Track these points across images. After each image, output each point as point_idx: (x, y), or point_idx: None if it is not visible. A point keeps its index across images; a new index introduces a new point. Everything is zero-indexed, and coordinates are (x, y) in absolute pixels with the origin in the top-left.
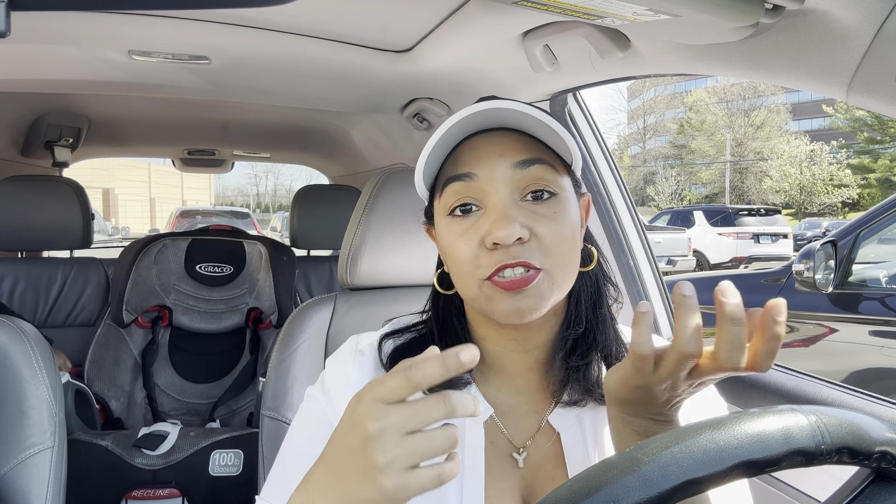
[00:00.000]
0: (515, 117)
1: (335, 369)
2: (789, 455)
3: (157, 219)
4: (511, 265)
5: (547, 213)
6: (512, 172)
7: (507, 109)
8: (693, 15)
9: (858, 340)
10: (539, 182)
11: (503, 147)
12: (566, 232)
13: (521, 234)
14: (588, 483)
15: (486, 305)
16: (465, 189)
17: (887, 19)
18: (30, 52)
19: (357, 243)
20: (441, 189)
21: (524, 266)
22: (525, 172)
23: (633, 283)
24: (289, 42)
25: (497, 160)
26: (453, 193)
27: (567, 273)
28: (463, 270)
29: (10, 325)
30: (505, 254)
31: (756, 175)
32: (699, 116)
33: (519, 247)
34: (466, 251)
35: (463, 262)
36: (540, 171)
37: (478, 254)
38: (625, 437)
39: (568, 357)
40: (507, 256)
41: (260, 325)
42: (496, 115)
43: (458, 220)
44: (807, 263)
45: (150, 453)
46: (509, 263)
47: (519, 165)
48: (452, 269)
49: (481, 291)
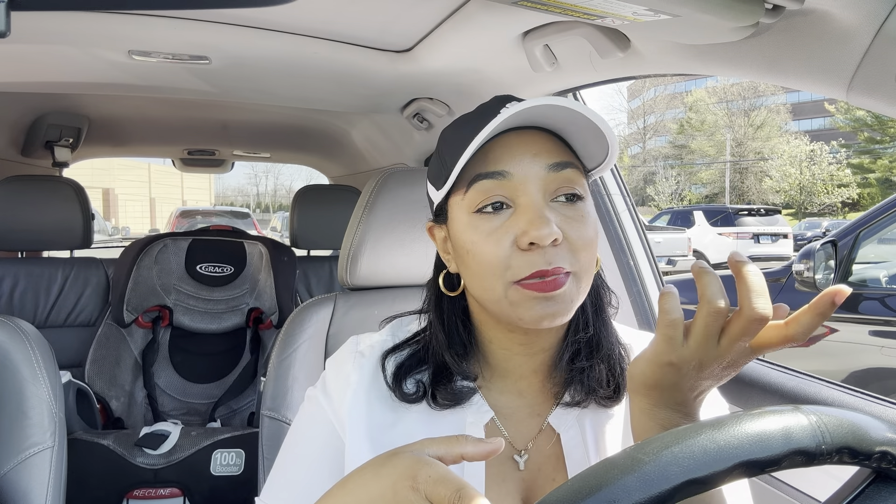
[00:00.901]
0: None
1: (335, 371)
2: (790, 455)
3: (157, 219)
4: (547, 272)
5: (576, 216)
6: (545, 173)
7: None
8: (693, 15)
9: (858, 340)
10: (570, 185)
11: (538, 147)
12: (592, 235)
13: (557, 235)
14: (588, 483)
15: (511, 310)
16: (497, 187)
17: (887, 19)
18: (30, 52)
19: (357, 243)
20: (467, 186)
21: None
22: (558, 175)
23: (633, 283)
24: (289, 42)
25: (532, 160)
26: (483, 191)
27: (590, 277)
28: (489, 271)
29: (10, 325)
30: (541, 257)
31: (756, 175)
32: (699, 116)
33: (553, 250)
34: (496, 251)
35: (491, 262)
36: (571, 174)
37: (510, 254)
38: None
39: (573, 360)
40: (543, 261)
41: (260, 325)
42: (531, 114)
43: (487, 218)
44: (807, 263)
45: (152, 453)
46: (545, 269)
47: (553, 167)
48: (473, 269)
49: (506, 295)
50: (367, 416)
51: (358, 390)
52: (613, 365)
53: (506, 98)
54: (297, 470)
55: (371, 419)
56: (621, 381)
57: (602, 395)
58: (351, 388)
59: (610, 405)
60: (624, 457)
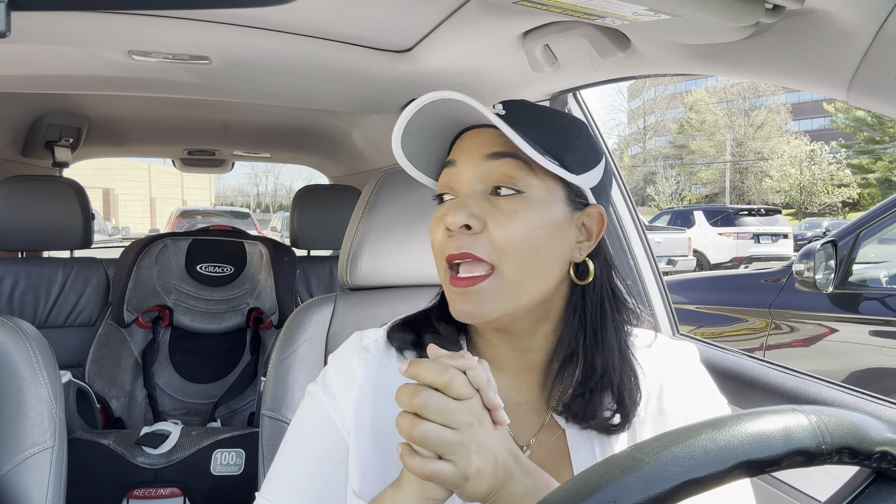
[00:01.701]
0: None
1: (339, 366)
2: (790, 455)
3: (158, 219)
4: (456, 255)
5: (505, 209)
6: (481, 163)
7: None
8: (693, 15)
9: (858, 340)
10: (503, 177)
11: (484, 139)
12: (520, 232)
13: (467, 221)
14: (588, 483)
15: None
16: (447, 176)
17: (887, 19)
18: (30, 52)
19: (357, 243)
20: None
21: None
22: (493, 165)
23: (633, 283)
24: (289, 42)
25: (472, 151)
26: (441, 182)
27: (527, 276)
28: (435, 258)
29: (10, 325)
30: (452, 241)
31: (756, 175)
32: (699, 116)
33: (465, 236)
34: (435, 237)
35: (434, 247)
36: (508, 165)
37: (444, 239)
38: None
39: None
40: (453, 245)
41: (261, 325)
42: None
43: (439, 207)
44: (807, 263)
45: (152, 452)
46: (454, 254)
47: (489, 157)
48: None
49: (448, 287)
50: (371, 411)
51: (364, 385)
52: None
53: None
54: (297, 466)
55: (375, 414)
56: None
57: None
58: (357, 384)
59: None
60: (624, 457)
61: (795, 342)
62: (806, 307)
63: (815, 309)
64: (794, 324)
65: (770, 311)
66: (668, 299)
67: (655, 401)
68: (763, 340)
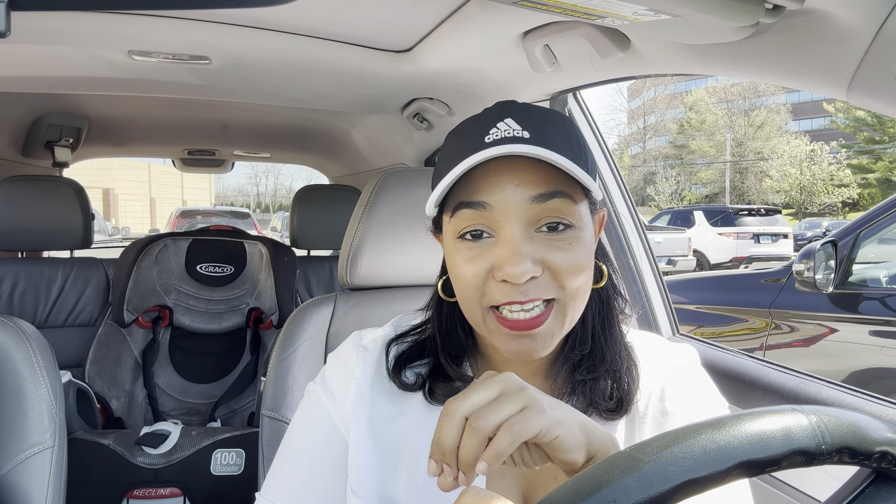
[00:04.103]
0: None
1: (337, 366)
2: (790, 455)
3: (158, 219)
4: (522, 302)
5: (561, 244)
6: (528, 205)
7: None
8: (693, 15)
9: (858, 340)
10: (555, 215)
11: (520, 178)
12: (581, 260)
13: (533, 273)
14: (588, 483)
15: (490, 337)
16: (478, 217)
17: (887, 19)
18: (30, 52)
19: (357, 243)
20: (452, 211)
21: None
22: (542, 206)
23: (633, 283)
24: (289, 42)
25: (514, 191)
26: (465, 219)
27: (580, 302)
28: (467, 296)
29: (10, 325)
30: (515, 290)
31: (756, 175)
32: (699, 116)
33: (531, 283)
34: (472, 278)
35: (468, 287)
36: (557, 204)
37: (484, 281)
38: None
39: (573, 372)
40: (518, 293)
41: (260, 325)
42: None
43: (468, 245)
44: (807, 263)
45: (152, 452)
46: (520, 300)
47: (537, 199)
48: (457, 290)
49: (485, 321)
50: (369, 410)
51: (361, 384)
52: (619, 378)
53: (509, 104)
54: (297, 465)
55: (373, 413)
56: (625, 396)
57: (603, 407)
58: (354, 383)
59: (612, 418)
60: (624, 457)
61: (795, 342)
62: (806, 307)
63: (815, 309)
64: (794, 324)
65: (770, 311)
66: (668, 299)
67: (657, 402)
68: (763, 340)
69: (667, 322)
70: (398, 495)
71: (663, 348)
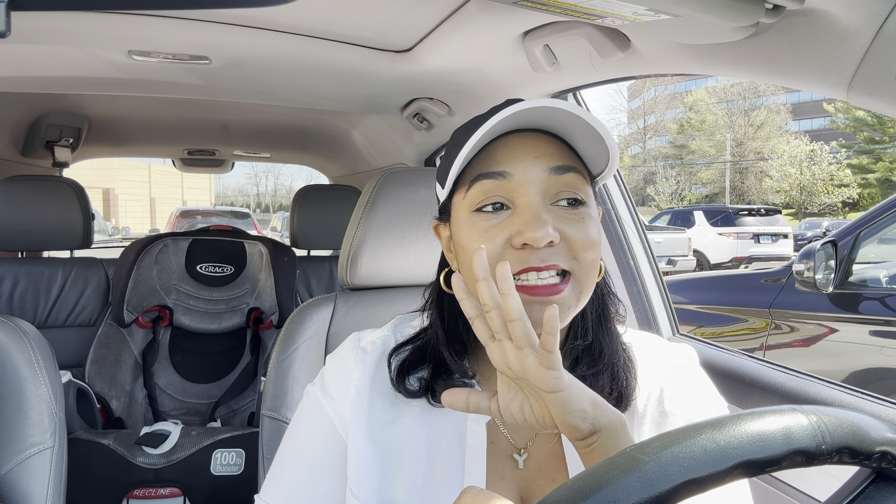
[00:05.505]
0: (559, 117)
1: (336, 367)
2: (790, 455)
3: (158, 219)
4: (540, 268)
5: (576, 219)
6: (546, 176)
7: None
8: (693, 15)
9: (858, 340)
10: (571, 189)
11: (540, 150)
12: (594, 237)
13: (552, 237)
14: (588, 483)
15: None
16: (497, 187)
17: (887, 19)
18: (30, 52)
19: (357, 243)
20: (469, 184)
21: (554, 269)
22: (559, 178)
23: (633, 282)
24: (289, 42)
25: (533, 162)
26: (483, 191)
27: (591, 280)
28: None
29: (10, 325)
30: (534, 255)
31: (756, 175)
32: (699, 116)
33: (548, 249)
34: (489, 248)
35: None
36: (573, 178)
37: (502, 251)
38: None
39: (574, 368)
40: (536, 258)
41: (260, 325)
42: (534, 116)
43: (485, 217)
44: (807, 263)
45: (152, 452)
46: (537, 266)
47: (554, 171)
48: (467, 265)
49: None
50: (368, 412)
51: (360, 386)
52: (617, 373)
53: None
54: (296, 467)
55: (372, 415)
56: (624, 390)
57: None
58: (353, 384)
59: None
60: (624, 457)
61: (795, 342)
62: (806, 307)
63: (815, 309)
64: (794, 324)
65: (770, 311)
66: (668, 299)
67: (656, 403)
68: (763, 340)
69: (667, 322)
70: (397, 497)
71: (662, 349)
